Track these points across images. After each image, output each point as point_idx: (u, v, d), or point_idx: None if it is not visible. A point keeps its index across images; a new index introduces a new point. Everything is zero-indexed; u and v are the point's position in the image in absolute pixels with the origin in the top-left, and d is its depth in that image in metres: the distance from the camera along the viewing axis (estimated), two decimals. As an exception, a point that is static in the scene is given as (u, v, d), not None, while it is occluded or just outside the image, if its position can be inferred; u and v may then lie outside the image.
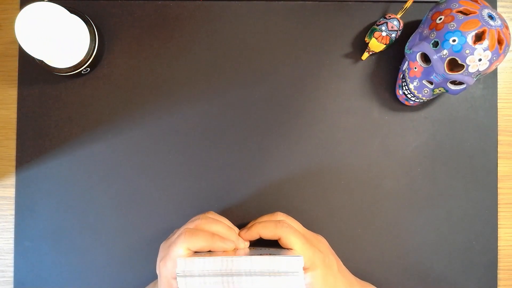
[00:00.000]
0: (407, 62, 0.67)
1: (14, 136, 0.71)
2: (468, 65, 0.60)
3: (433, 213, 0.71)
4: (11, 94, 0.71)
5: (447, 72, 0.62)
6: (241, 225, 0.70)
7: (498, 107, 0.72)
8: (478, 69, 0.60)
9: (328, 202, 0.71)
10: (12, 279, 0.71)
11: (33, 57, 0.66)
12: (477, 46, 0.59)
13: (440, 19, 0.62)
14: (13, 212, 0.71)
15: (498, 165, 0.72)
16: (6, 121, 0.71)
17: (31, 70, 0.71)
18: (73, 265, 0.70)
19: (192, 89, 0.71)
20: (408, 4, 0.68)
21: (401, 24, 0.68)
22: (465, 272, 0.70)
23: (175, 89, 0.71)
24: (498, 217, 0.71)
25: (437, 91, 0.66)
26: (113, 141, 0.70)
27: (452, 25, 0.60)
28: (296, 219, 0.64)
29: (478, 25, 0.59)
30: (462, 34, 0.59)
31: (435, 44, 0.61)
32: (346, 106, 0.71)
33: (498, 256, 0.71)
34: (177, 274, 0.51)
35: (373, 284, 0.69)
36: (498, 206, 0.71)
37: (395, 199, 0.71)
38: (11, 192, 0.71)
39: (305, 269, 0.56)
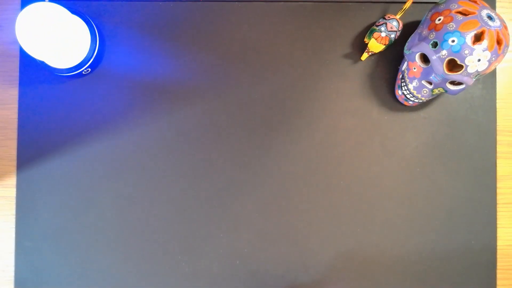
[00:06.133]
0: (406, 62, 0.67)
1: (15, 136, 0.71)
2: (467, 66, 0.60)
3: (432, 213, 0.71)
4: (12, 94, 0.71)
5: (446, 72, 0.62)
6: (241, 225, 0.70)
7: (497, 107, 0.72)
8: (477, 70, 0.61)
9: (328, 202, 0.71)
10: (12, 278, 0.71)
11: (34, 58, 0.66)
12: (476, 46, 0.59)
13: (439, 19, 0.62)
14: (14, 212, 0.71)
15: (497, 165, 0.72)
16: (7, 121, 0.71)
17: (32, 70, 0.71)
18: (74, 265, 0.70)
19: (192, 89, 0.71)
20: (407, 4, 0.68)
21: (401, 25, 0.68)
22: (464, 272, 0.71)
23: (175, 89, 0.71)
24: (497, 217, 0.71)
25: (436, 91, 0.66)
26: (113, 141, 0.71)
27: (451, 26, 0.60)
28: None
29: (477, 25, 0.59)
30: (461, 34, 0.59)
31: (434, 45, 0.61)
32: (345, 106, 0.71)
33: (497, 256, 0.71)
34: None
35: (373, 284, 0.70)
36: (497, 206, 0.72)
37: (395, 199, 0.71)
38: (12, 192, 0.71)
39: None
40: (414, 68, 0.65)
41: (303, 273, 0.70)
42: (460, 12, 0.61)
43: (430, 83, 0.65)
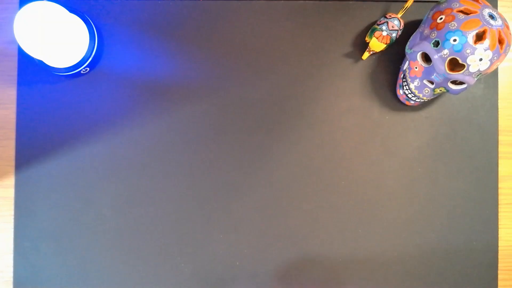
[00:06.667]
0: (407, 61, 0.67)
1: (14, 136, 0.71)
2: (469, 65, 0.60)
3: (434, 213, 0.71)
4: (10, 94, 0.71)
5: (447, 71, 0.61)
6: (241, 226, 0.70)
7: (499, 107, 0.71)
8: (479, 69, 0.60)
9: (329, 202, 0.70)
10: (11, 279, 0.70)
11: (32, 57, 0.66)
12: (478, 45, 0.59)
13: (441, 18, 0.61)
14: (12, 212, 0.71)
15: (499, 165, 0.71)
16: (5, 121, 0.71)
17: (30, 69, 0.70)
18: (73, 265, 0.70)
19: (192, 89, 0.71)
20: (409, 3, 0.67)
21: (402, 24, 0.68)
22: (465, 272, 0.70)
23: (174, 89, 0.71)
24: (499, 217, 0.71)
25: (437, 91, 0.65)
26: (112, 141, 0.70)
27: (453, 25, 0.60)
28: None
29: (479, 24, 0.59)
30: (463, 33, 0.59)
31: (436, 44, 0.61)
32: (346, 106, 0.71)
33: (499, 256, 0.71)
34: None
35: (374, 284, 0.69)
36: (499, 206, 0.71)
37: (396, 199, 0.71)
38: (10, 192, 0.71)
39: None
40: (416, 68, 0.65)
41: (303, 274, 0.70)
42: (461, 11, 0.60)
43: (432, 83, 0.65)
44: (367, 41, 0.69)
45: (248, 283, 0.70)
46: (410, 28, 0.71)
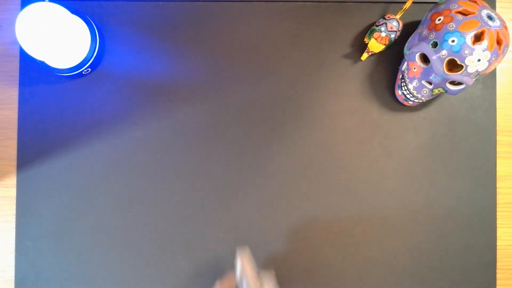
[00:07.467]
0: (406, 62, 0.67)
1: (15, 136, 0.71)
2: (467, 66, 0.60)
3: (432, 212, 0.71)
4: (12, 94, 0.71)
5: (446, 72, 0.62)
6: (241, 225, 0.70)
7: (497, 107, 0.72)
8: (477, 70, 0.61)
9: (328, 202, 0.71)
10: (13, 278, 0.71)
11: (34, 58, 0.66)
12: (476, 46, 0.59)
13: (439, 19, 0.62)
14: (14, 212, 0.71)
15: (497, 165, 0.72)
16: (7, 121, 0.71)
17: (32, 70, 0.71)
18: (74, 265, 0.70)
19: (192, 89, 0.71)
20: (407, 4, 0.68)
21: (401, 25, 0.68)
22: (464, 272, 0.71)
23: (175, 89, 0.71)
24: (497, 216, 0.71)
25: (436, 91, 0.66)
26: (114, 141, 0.71)
27: (451, 26, 0.60)
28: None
29: (477, 25, 0.59)
30: (461, 34, 0.59)
31: (434, 45, 0.61)
32: (345, 106, 0.71)
33: (497, 256, 0.71)
34: None
35: (373, 284, 0.70)
36: (497, 206, 0.72)
37: (394, 199, 0.71)
38: (12, 192, 0.71)
39: None
40: (414, 68, 0.65)
41: (303, 273, 0.70)
42: (460, 12, 0.61)
43: (430, 83, 0.65)
44: (366, 42, 0.70)
45: (248, 282, 0.70)
46: (409, 29, 0.71)
